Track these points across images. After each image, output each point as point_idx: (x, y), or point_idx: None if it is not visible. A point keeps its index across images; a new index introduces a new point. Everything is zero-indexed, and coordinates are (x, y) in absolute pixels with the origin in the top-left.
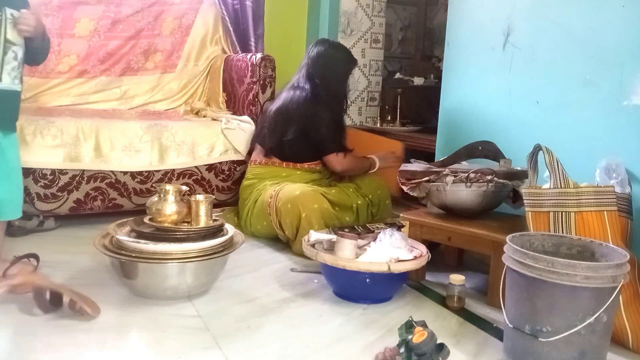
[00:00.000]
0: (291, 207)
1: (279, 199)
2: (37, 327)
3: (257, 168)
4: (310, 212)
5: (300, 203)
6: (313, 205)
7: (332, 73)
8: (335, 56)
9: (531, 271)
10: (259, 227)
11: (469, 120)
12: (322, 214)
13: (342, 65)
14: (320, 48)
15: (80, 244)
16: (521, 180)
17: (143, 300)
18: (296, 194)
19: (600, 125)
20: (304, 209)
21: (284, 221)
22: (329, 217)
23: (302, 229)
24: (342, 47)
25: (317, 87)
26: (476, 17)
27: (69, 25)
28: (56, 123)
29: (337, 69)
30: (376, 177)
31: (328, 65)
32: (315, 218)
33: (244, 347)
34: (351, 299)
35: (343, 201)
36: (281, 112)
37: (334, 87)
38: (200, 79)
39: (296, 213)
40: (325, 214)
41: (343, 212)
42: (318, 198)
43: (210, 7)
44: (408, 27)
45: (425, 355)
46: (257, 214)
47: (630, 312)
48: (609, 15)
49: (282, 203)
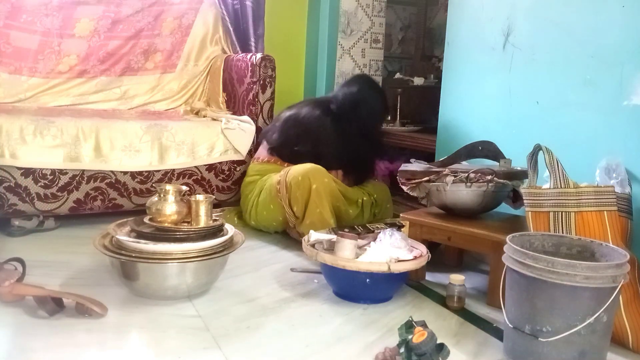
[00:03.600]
0: (302, 179)
1: (289, 174)
2: (37, 327)
3: (259, 165)
4: (321, 184)
5: (312, 175)
6: (323, 179)
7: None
8: (370, 103)
9: (531, 271)
10: (265, 212)
11: (469, 120)
12: (332, 190)
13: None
14: (361, 88)
15: (80, 244)
16: (521, 180)
17: (143, 300)
18: (307, 167)
19: (600, 125)
20: (315, 181)
21: (294, 196)
22: (337, 197)
23: (311, 202)
24: (381, 90)
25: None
26: (476, 17)
27: (69, 25)
28: (56, 123)
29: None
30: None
31: (361, 109)
32: (325, 192)
33: (244, 347)
34: (351, 299)
35: (349, 194)
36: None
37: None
38: (200, 79)
39: (306, 185)
40: (334, 192)
41: (349, 204)
42: (328, 174)
43: (210, 7)
44: (408, 27)
45: (425, 355)
46: (263, 201)
47: (630, 312)
48: (609, 15)
49: (293, 177)
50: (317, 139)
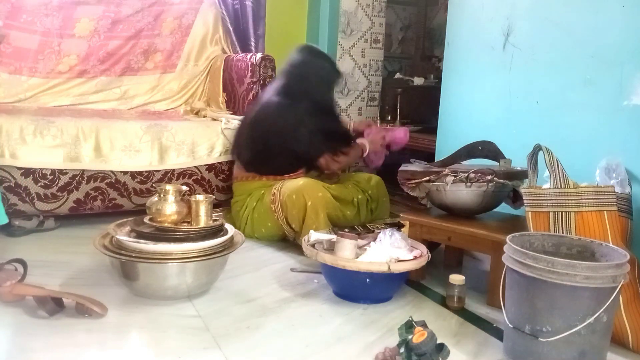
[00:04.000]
0: (296, 198)
1: (282, 193)
2: (37, 327)
3: (241, 184)
4: (316, 199)
5: (305, 192)
6: (318, 194)
7: (314, 86)
8: (318, 66)
9: (531, 271)
10: (263, 230)
11: (469, 120)
12: (327, 203)
13: (325, 78)
14: (303, 56)
15: (80, 244)
16: (521, 180)
17: (143, 300)
18: (300, 184)
19: (600, 125)
20: (309, 197)
21: (290, 214)
22: (333, 207)
23: (308, 218)
24: (326, 57)
25: (297, 97)
26: (476, 17)
27: (69, 25)
28: (56, 123)
29: (320, 81)
30: (374, 175)
31: (310, 76)
32: (321, 206)
33: (244, 347)
34: (351, 299)
35: (344, 195)
36: (258, 123)
37: (317, 99)
38: (200, 79)
39: (301, 203)
40: (330, 204)
41: (344, 206)
42: (321, 187)
43: (210, 7)
44: (408, 27)
45: (425, 355)
46: (259, 218)
47: (630, 312)
48: (609, 15)
49: (287, 195)
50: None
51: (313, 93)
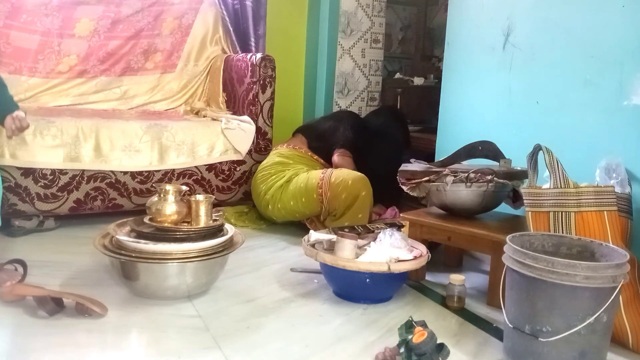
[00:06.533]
0: (352, 184)
1: (336, 176)
2: (37, 327)
3: (289, 151)
4: (368, 194)
5: (362, 183)
6: (370, 189)
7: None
8: (394, 136)
9: (531, 271)
10: (292, 202)
11: (469, 120)
12: (372, 201)
13: (394, 150)
14: (387, 121)
15: (80, 244)
16: (521, 180)
17: (143, 300)
18: (356, 174)
19: (600, 125)
20: (364, 189)
21: (339, 197)
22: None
23: (356, 206)
24: (405, 130)
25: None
26: (476, 17)
27: (69, 25)
28: (56, 123)
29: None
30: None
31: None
32: (369, 201)
33: (244, 347)
34: (351, 299)
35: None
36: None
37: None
38: (200, 79)
39: (356, 191)
40: (372, 203)
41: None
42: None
43: (210, 7)
44: (408, 27)
45: (425, 355)
46: (293, 192)
47: (630, 312)
48: (609, 15)
49: (342, 179)
50: (383, 151)
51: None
